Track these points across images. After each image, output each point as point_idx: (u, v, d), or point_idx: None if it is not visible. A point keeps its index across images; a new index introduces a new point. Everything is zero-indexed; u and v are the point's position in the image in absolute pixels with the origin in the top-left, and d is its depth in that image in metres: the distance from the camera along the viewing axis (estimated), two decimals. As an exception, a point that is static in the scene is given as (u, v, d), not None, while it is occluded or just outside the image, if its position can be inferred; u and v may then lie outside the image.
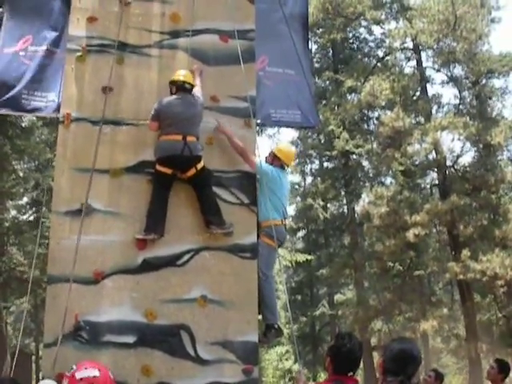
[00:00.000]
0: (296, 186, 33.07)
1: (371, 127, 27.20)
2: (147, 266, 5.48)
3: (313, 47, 27.82)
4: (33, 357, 30.56)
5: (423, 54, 25.42)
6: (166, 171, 5.53)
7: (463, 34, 22.32)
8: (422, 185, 25.71)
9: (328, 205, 30.55)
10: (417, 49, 25.01)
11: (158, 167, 5.53)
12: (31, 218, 24.20)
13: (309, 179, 32.94)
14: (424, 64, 25.44)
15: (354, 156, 26.28)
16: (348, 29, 27.10)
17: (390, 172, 24.57)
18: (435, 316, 21.78)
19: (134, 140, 5.79)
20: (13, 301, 27.11)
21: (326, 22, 26.12)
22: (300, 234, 34.36)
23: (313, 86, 8.36)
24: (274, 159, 6.21)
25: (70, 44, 6.00)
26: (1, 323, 24.22)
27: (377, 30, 39.89)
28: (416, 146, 23.28)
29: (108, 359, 5.08)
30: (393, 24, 27.77)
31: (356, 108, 24.26)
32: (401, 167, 22.82)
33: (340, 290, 33.47)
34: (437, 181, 24.64)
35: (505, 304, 22.35)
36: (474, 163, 23.43)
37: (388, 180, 26.35)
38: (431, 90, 38.36)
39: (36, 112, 6.62)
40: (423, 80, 25.00)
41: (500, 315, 23.07)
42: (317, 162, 31.63)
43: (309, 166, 32.57)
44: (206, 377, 5.31)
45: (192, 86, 5.77)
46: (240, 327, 5.48)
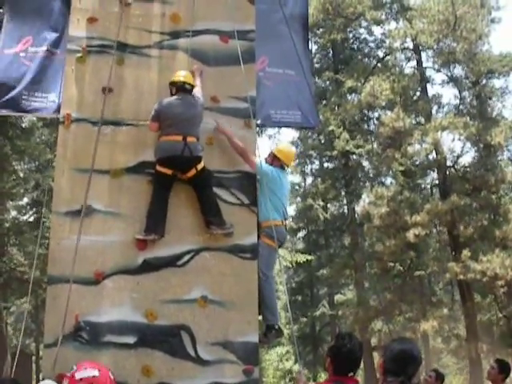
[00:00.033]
0: (296, 187, 33.08)
1: (371, 127, 27.20)
2: (147, 267, 5.48)
3: (313, 47, 27.84)
4: (33, 357, 30.52)
5: (423, 55, 25.47)
6: (167, 172, 5.52)
7: (463, 35, 22.32)
8: (423, 185, 25.71)
9: (328, 205, 30.56)
10: (417, 49, 25.01)
11: (159, 168, 5.53)
12: (31, 219, 24.16)
13: (309, 179, 33.01)
14: (424, 64, 25.47)
15: (355, 156, 26.27)
16: (348, 29, 27.08)
17: (391, 172, 24.56)
18: (435, 316, 21.76)
19: (134, 140, 5.79)
20: (13, 301, 27.09)
21: (326, 23, 26.11)
22: (300, 235, 34.33)
23: (313, 87, 8.35)
24: (274, 160, 6.20)
25: (70, 45, 6.00)
26: (1, 323, 24.21)
27: (377, 31, 40.14)
28: (416, 146, 23.30)
29: (108, 360, 5.08)
30: (393, 24, 27.90)
31: (356, 108, 24.25)
32: (401, 167, 22.81)
33: (340, 291, 33.46)
34: (437, 181, 24.63)
35: (505, 304, 22.34)
36: (475, 163, 23.42)
37: (388, 180, 26.39)
38: (431, 90, 38.40)
39: (36, 113, 6.62)
40: (423, 80, 25.00)
41: (500, 315, 23.06)
42: (317, 163, 31.67)
43: (309, 167, 32.64)
44: (207, 377, 5.31)
45: (192, 87, 5.76)
46: (240, 328, 5.47)
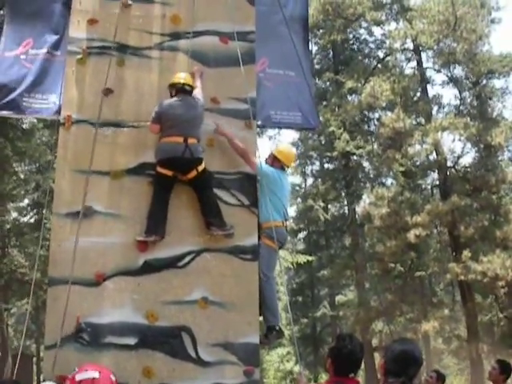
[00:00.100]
0: (297, 188, 33.07)
1: (372, 128, 27.18)
2: (148, 268, 5.49)
3: (313, 48, 27.82)
4: (34, 358, 30.50)
5: (423, 55, 25.43)
6: (167, 173, 5.52)
7: (463, 35, 22.29)
8: (423, 185, 25.68)
9: (329, 206, 30.54)
10: (417, 50, 24.98)
11: (159, 169, 5.53)
12: (32, 220, 24.17)
13: (309, 180, 33.00)
14: (424, 65, 25.44)
15: (355, 157, 26.25)
16: (348, 30, 27.05)
17: (391, 173, 24.54)
18: (436, 317, 21.72)
19: (135, 142, 5.79)
20: (14, 302, 27.09)
21: (327, 24, 26.09)
22: (301, 236, 34.33)
23: (313, 88, 8.36)
24: (274, 161, 6.19)
25: (71, 46, 6.00)
26: (2, 325, 24.23)
27: (377, 31, 39.96)
28: (417, 147, 23.27)
29: (109, 361, 5.09)
30: (393, 25, 27.81)
31: (356, 109, 24.22)
32: (401, 168, 22.79)
33: (341, 291, 33.45)
34: (437, 181, 24.61)
35: (506, 305, 22.30)
36: (475, 164, 23.40)
37: (389, 181, 26.37)
38: (431, 91, 38.23)
39: (37, 114, 6.64)
40: (423, 81, 24.98)
41: (501, 316, 23.00)
42: (317, 163, 31.67)
43: (309, 168, 32.65)
44: (208, 378, 5.31)
45: (192, 88, 5.77)
46: (241, 329, 5.47)
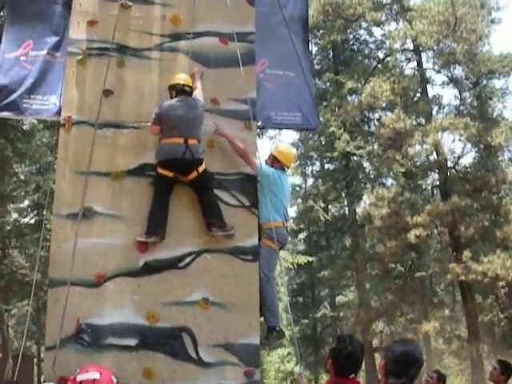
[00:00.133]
0: (297, 188, 33.10)
1: (372, 128, 27.19)
2: (149, 269, 5.49)
3: (313, 49, 27.83)
4: (34, 359, 30.50)
5: (423, 55, 25.41)
6: (168, 174, 5.52)
7: (463, 35, 22.28)
8: (423, 186, 25.67)
9: (329, 206, 30.53)
10: (417, 50, 24.97)
11: (160, 170, 5.53)
12: (32, 221, 24.20)
13: (310, 181, 33.02)
14: (424, 65, 25.43)
15: (355, 157, 26.26)
16: (348, 30, 27.06)
17: (391, 173, 24.55)
18: (437, 317, 21.71)
19: (135, 143, 5.79)
20: (14, 303, 27.11)
21: (327, 24, 26.09)
22: (301, 236, 34.34)
23: (313, 88, 8.36)
24: (274, 161, 6.19)
25: (71, 47, 6.00)
26: (2, 326, 24.25)
27: (377, 32, 40.01)
28: (417, 147, 23.25)
29: (110, 362, 5.08)
30: (393, 25, 27.84)
31: (357, 109, 24.22)
32: (402, 168, 22.79)
33: (341, 292, 33.47)
34: (438, 182, 24.60)
35: (506, 305, 22.30)
36: (475, 164, 23.39)
37: (389, 181, 26.38)
38: (432, 91, 38.28)
39: (37, 115, 6.63)
40: (424, 81, 24.97)
41: (502, 316, 23.01)
42: (318, 164, 31.69)
43: (310, 168, 32.67)
44: (208, 379, 5.31)
45: (192, 89, 5.77)
46: (242, 329, 5.47)
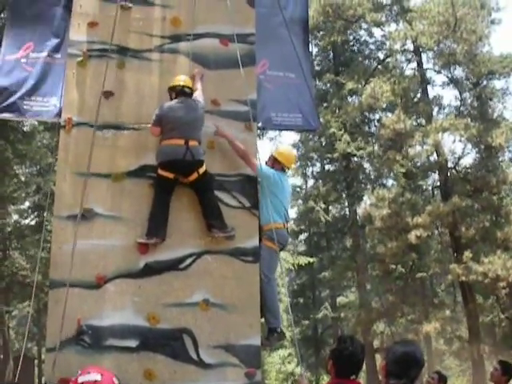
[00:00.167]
0: (297, 189, 33.07)
1: (372, 129, 27.19)
2: (149, 270, 5.48)
3: (313, 50, 27.84)
4: (35, 361, 30.50)
5: (424, 56, 25.41)
6: (168, 175, 5.52)
7: (463, 36, 22.29)
8: (424, 186, 25.67)
9: (330, 207, 30.53)
10: (417, 51, 24.98)
11: (160, 171, 5.53)
12: (33, 223, 24.21)
13: (310, 182, 33.02)
14: (424, 66, 25.43)
15: (356, 158, 26.26)
16: (348, 31, 27.08)
17: (392, 174, 24.54)
18: (438, 318, 21.70)
19: (136, 144, 5.79)
20: (15, 305, 27.11)
21: (327, 25, 26.11)
22: (302, 237, 34.33)
23: (313, 89, 8.35)
24: (275, 162, 6.18)
25: (71, 49, 6.00)
26: (3, 327, 24.25)
27: (377, 33, 40.07)
28: (417, 148, 23.26)
29: (111, 363, 5.08)
30: (393, 26, 27.83)
31: (357, 110, 24.23)
32: (402, 169, 22.79)
33: (342, 293, 33.46)
34: (438, 182, 24.60)
35: (507, 305, 22.30)
36: (476, 164, 23.39)
37: (389, 182, 26.38)
38: (432, 92, 38.34)
39: (37, 117, 6.63)
40: (424, 82, 24.97)
41: (502, 316, 23.01)
42: (318, 165, 31.67)
43: (310, 169, 32.66)
44: (209, 380, 5.31)
45: (191, 90, 5.77)
46: (242, 331, 5.47)
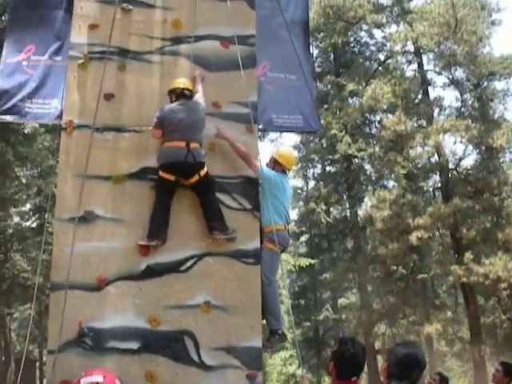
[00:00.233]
0: (298, 191, 33.10)
1: (373, 131, 27.21)
2: (150, 273, 5.48)
3: (314, 51, 27.87)
4: (37, 363, 30.54)
5: (424, 57, 25.42)
6: (169, 178, 5.51)
7: (464, 37, 22.29)
8: (425, 188, 25.69)
9: (331, 209, 30.55)
10: (418, 52, 24.99)
11: (161, 174, 5.52)
12: (34, 225, 24.24)
13: (311, 183, 33.05)
14: (425, 67, 25.45)
15: (357, 160, 26.27)
16: (349, 33, 27.09)
17: (393, 175, 24.54)
18: (439, 319, 21.69)
19: (137, 146, 5.79)
20: (16, 307, 27.14)
21: (327, 27, 26.12)
22: (303, 239, 34.34)
23: (314, 91, 8.34)
24: (276, 164, 6.17)
25: (72, 51, 6.01)
26: (4, 330, 24.28)
27: (378, 34, 40.12)
28: (418, 149, 23.28)
29: (112, 365, 5.08)
30: (393, 27, 27.84)
31: (358, 112, 24.24)
32: (403, 170, 22.79)
33: (343, 294, 33.47)
34: (439, 184, 24.60)
35: (508, 307, 22.27)
36: (477, 166, 23.39)
37: (390, 183, 26.38)
38: (433, 93, 38.36)
39: (38, 119, 6.62)
40: (424, 83, 24.98)
41: (504, 318, 23.00)
42: (319, 167, 31.68)
43: (311, 171, 32.66)
44: (210, 382, 5.31)
45: (191, 93, 5.77)
46: (244, 333, 5.47)
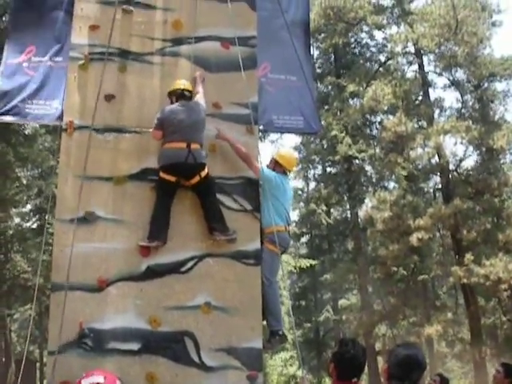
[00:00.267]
0: (299, 192, 33.08)
1: (374, 132, 27.20)
2: (151, 273, 5.49)
3: (315, 52, 27.89)
4: (37, 364, 30.53)
5: (425, 59, 25.40)
6: (170, 179, 5.52)
7: (464, 38, 22.27)
8: (425, 189, 25.66)
9: (331, 210, 30.55)
10: (418, 53, 24.96)
11: (162, 175, 5.52)
12: (35, 226, 24.23)
13: (312, 184, 33.03)
14: (426, 68, 25.42)
15: (357, 161, 26.26)
16: (350, 34, 27.08)
17: (393, 176, 24.52)
18: (439, 320, 21.66)
19: (137, 147, 5.80)
20: (17, 308, 27.13)
21: (328, 28, 26.12)
22: (303, 240, 34.32)
23: (315, 92, 8.35)
24: (276, 165, 6.17)
25: (73, 52, 6.01)
26: (5, 331, 24.29)
27: (378, 35, 40.18)
28: (419, 151, 23.24)
29: (113, 366, 5.08)
30: (394, 29, 27.83)
31: (358, 113, 24.22)
32: (404, 172, 22.78)
33: (344, 295, 33.42)
34: (440, 185, 24.56)
35: (509, 308, 22.23)
36: (477, 167, 23.35)
37: (391, 184, 26.36)
38: (433, 94, 38.50)
39: (39, 120, 6.63)
40: (425, 84, 24.95)
41: (504, 319, 22.94)
42: (320, 168, 31.68)
43: (312, 172, 32.69)
44: (211, 383, 5.31)
45: (191, 94, 5.77)
46: (244, 334, 5.47)
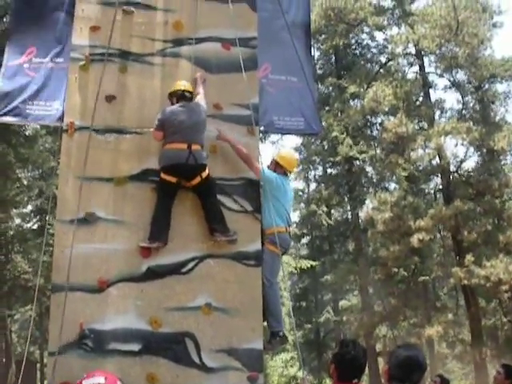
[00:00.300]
0: (300, 193, 33.08)
1: (374, 133, 27.21)
2: (152, 274, 5.48)
3: (315, 54, 27.89)
4: (37, 364, 30.53)
5: (426, 60, 25.40)
6: (171, 180, 5.51)
7: (465, 39, 22.28)
8: (426, 190, 25.67)
9: (332, 211, 30.56)
10: (419, 54, 24.97)
11: (163, 176, 5.52)
12: (35, 226, 24.24)
13: (312, 185, 33.04)
14: (426, 69, 25.44)
15: (358, 162, 26.27)
16: (350, 35, 27.10)
17: (394, 177, 24.53)
18: (440, 321, 21.67)
19: (138, 148, 5.79)
20: (17, 309, 27.13)
21: (329, 29, 26.15)
22: (304, 241, 34.32)
23: (315, 93, 8.34)
24: (277, 166, 6.17)
25: (73, 53, 6.01)
26: (5, 331, 24.29)
27: (379, 36, 40.22)
28: (419, 152, 23.27)
29: (113, 367, 5.08)
30: (395, 30, 27.99)
31: (359, 114, 24.24)
32: (404, 173, 22.78)
33: (345, 296, 33.42)
34: (441, 186, 24.57)
35: (510, 309, 22.22)
36: (478, 168, 23.35)
37: (392, 185, 26.38)
38: (434, 96, 38.26)
39: (40, 121, 6.62)
40: (426, 85, 24.96)
41: (505, 320, 22.92)
42: (320, 169, 31.69)
43: (312, 173, 32.70)
44: (211, 384, 5.31)
45: (192, 95, 5.77)
46: (245, 335, 5.47)
